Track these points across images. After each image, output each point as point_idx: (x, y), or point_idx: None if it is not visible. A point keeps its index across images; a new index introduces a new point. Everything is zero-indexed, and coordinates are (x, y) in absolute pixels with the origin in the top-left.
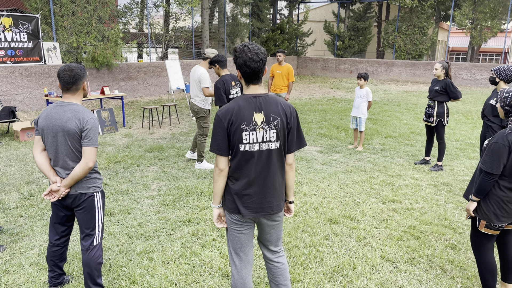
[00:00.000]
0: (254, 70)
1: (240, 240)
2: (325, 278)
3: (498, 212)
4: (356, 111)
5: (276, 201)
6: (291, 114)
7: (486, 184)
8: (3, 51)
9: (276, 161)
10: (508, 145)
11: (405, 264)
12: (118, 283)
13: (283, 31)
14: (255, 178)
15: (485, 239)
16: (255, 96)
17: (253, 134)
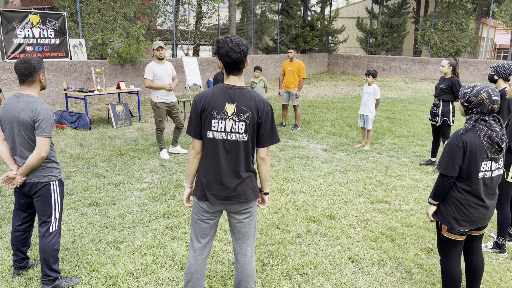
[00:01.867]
0: (235, 61)
1: (203, 227)
2: (282, 276)
3: (457, 216)
4: (363, 109)
5: (244, 190)
6: (264, 109)
7: (443, 187)
8: (31, 47)
9: (243, 152)
10: (463, 146)
11: (371, 265)
12: (79, 270)
13: (313, 28)
14: (222, 167)
15: (450, 245)
16: (231, 87)
17: (222, 123)
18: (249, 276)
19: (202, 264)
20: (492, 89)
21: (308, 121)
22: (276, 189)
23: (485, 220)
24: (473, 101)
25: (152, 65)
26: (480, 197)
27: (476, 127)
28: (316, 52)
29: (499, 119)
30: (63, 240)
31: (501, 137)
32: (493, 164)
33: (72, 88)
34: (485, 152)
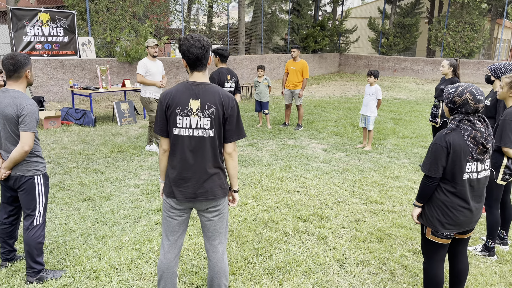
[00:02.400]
0: (197, 56)
1: (172, 224)
2: (264, 273)
3: (442, 219)
4: (364, 109)
5: (211, 187)
6: (229, 104)
7: (426, 188)
8: (40, 45)
9: (209, 148)
10: (446, 146)
11: (355, 265)
12: (64, 264)
13: (324, 27)
14: (188, 164)
15: (434, 248)
16: (195, 83)
17: (187, 119)
18: (221, 273)
19: (172, 261)
20: (476, 88)
21: (312, 121)
22: (270, 188)
23: (471, 223)
24: (457, 101)
25: (145, 61)
26: (466, 199)
27: (460, 127)
28: (327, 52)
29: (484, 119)
30: (53, 234)
31: (486, 138)
32: (478, 165)
33: (78, 86)
34: (470, 152)
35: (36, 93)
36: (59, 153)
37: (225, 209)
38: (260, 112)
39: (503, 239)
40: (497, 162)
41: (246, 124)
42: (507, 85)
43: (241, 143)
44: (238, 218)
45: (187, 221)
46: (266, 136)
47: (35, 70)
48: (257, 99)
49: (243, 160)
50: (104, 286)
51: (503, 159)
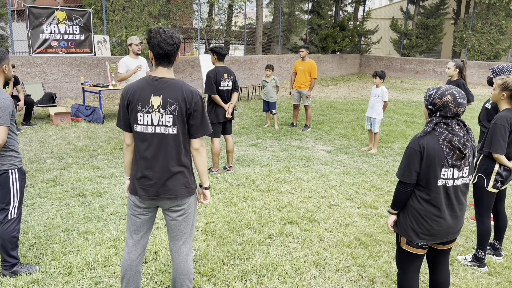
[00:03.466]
0: (166, 53)
1: (135, 223)
2: (237, 276)
3: (416, 228)
4: (370, 111)
5: (174, 186)
6: (193, 100)
7: (400, 195)
8: (56, 42)
9: (173, 146)
10: (420, 150)
11: (335, 271)
12: (41, 258)
13: (344, 28)
14: (151, 161)
15: (409, 258)
16: (158, 79)
17: (148, 116)
18: (183, 275)
19: (135, 260)
20: (458, 91)
21: (321, 122)
22: (263, 189)
23: (450, 234)
24: (437, 103)
25: (126, 59)
26: (440, 208)
27: (436, 130)
28: (347, 53)
29: (464, 123)
30: (38, 228)
31: (464, 143)
32: (455, 172)
33: (89, 83)
34: (445, 157)
35: (52, 89)
36: (62, 148)
37: (190, 208)
38: (267, 112)
39: (496, 250)
40: (488, 169)
41: (253, 124)
42: (499, 87)
43: (244, 143)
44: (225, 219)
45: (152, 220)
46: (271, 137)
47: (51, 68)
48: (264, 99)
49: (242, 160)
50: (75, 282)
51: (495, 166)
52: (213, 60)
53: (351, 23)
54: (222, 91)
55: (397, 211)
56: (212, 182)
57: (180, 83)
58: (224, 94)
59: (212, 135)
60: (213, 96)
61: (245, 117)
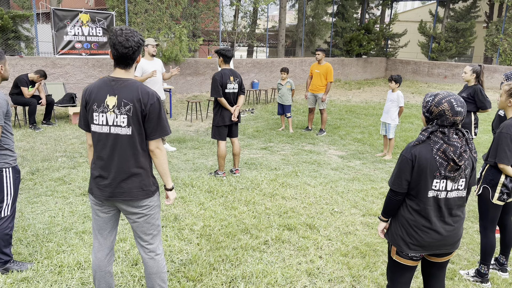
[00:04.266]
0: (121, 55)
1: (98, 222)
2: (225, 282)
3: (406, 238)
4: (385, 116)
5: (129, 188)
6: (148, 101)
7: (390, 203)
8: (80, 44)
9: (128, 147)
10: (411, 159)
11: (327, 281)
12: (34, 256)
13: (369, 31)
14: (107, 162)
15: (399, 270)
16: (115, 79)
17: (103, 116)
18: (153, 274)
19: (103, 260)
20: (456, 98)
21: (337, 126)
22: (267, 193)
23: (444, 246)
24: (434, 111)
25: (142, 62)
26: (429, 219)
27: (431, 139)
28: (373, 56)
29: (463, 133)
30: (38, 226)
31: (461, 154)
32: (449, 184)
33: None
34: (438, 168)
35: (74, 90)
36: (76, 148)
37: (151, 211)
38: (282, 115)
39: (502, 265)
40: (493, 180)
41: (268, 127)
42: (506, 93)
43: (255, 146)
44: (222, 223)
45: (114, 219)
46: (284, 140)
47: (74, 69)
48: (279, 102)
49: (250, 163)
50: (63, 282)
51: (501, 177)
52: (219, 62)
53: (377, 26)
54: (228, 93)
55: (387, 219)
56: (216, 185)
57: (137, 84)
58: (230, 96)
59: (217, 138)
60: (219, 99)
61: (261, 120)
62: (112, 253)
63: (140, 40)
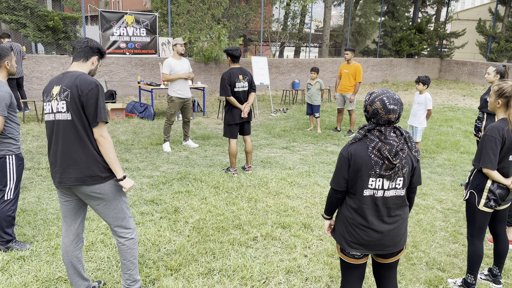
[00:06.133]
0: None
1: (63, 208)
2: (203, 273)
3: (346, 236)
4: (412, 119)
5: (76, 173)
6: (86, 88)
7: (330, 200)
8: (124, 44)
9: (70, 132)
10: (348, 157)
11: (304, 280)
12: (36, 238)
13: (421, 30)
14: (54, 148)
15: (345, 268)
16: (67, 72)
17: (49, 104)
18: (124, 251)
19: (69, 246)
20: (389, 96)
21: None
22: (273, 191)
23: (386, 247)
24: (369, 110)
25: (170, 60)
26: (365, 218)
27: (368, 137)
28: (426, 57)
29: (402, 132)
30: (49, 210)
31: (397, 152)
32: (385, 183)
33: (144, 82)
34: (372, 167)
35: (117, 87)
36: None
37: (108, 196)
38: (311, 115)
39: (495, 276)
40: (480, 185)
41: (296, 126)
42: (495, 94)
43: (277, 145)
44: (218, 217)
45: (77, 208)
46: (309, 140)
47: (118, 67)
48: (308, 102)
49: (266, 162)
50: (54, 262)
51: (487, 182)
52: (228, 62)
53: (431, 26)
54: (238, 92)
55: (330, 217)
56: (224, 181)
57: (79, 73)
58: (240, 95)
59: (228, 136)
60: (228, 98)
61: (292, 120)
62: (80, 239)
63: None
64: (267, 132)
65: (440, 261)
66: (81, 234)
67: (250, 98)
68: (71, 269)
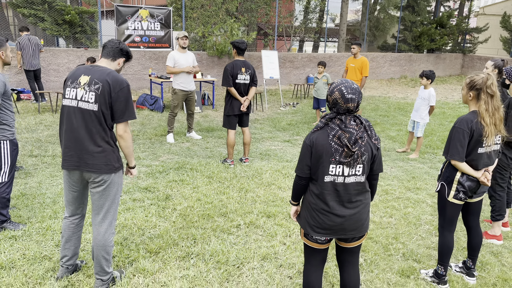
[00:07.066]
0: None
1: (67, 196)
2: (180, 256)
3: (310, 221)
4: (414, 114)
5: (92, 161)
6: (118, 85)
7: (295, 187)
8: (139, 38)
9: (94, 122)
10: (310, 145)
11: (278, 267)
12: (30, 220)
13: (443, 25)
14: (73, 134)
15: (308, 252)
16: (94, 65)
17: (74, 91)
18: (99, 246)
19: (72, 224)
20: (347, 86)
21: (376, 122)
22: (266, 182)
23: (348, 231)
24: (329, 100)
25: (174, 53)
26: (327, 203)
27: (329, 126)
28: (447, 52)
29: (361, 121)
30: (48, 195)
31: (356, 140)
32: (345, 169)
33: (155, 75)
34: (333, 154)
35: (131, 80)
36: None
37: (111, 186)
38: (317, 109)
39: (469, 269)
40: (449, 177)
41: (303, 121)
42: (466, 86)
43: (280, 138)
44: (206, 206)
45: (82, 197)
46: None
47: (132, 61)
48: (315, 96)
49: (265, 154)
50: (43, 242)
51: (456, 174)
52: (233, 54)
53: (453, 20)
54: (239, 84)
55: (296, 203)
56: (219, 172)
57: (110, 70)
58: (241, 87)
59: (227, 126)
60: (228, 89)
61: (300, 114)
62: (82, 217)
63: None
64: (272, 125)
65: (417, 253)
66: (84, 213)
67: (251, 93)
68: (69, 244)
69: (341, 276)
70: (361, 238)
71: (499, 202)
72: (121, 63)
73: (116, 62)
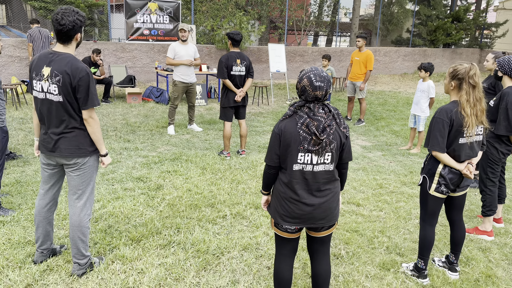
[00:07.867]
0: (58, 31)
1: (44, 176)
2: (162, 244)
3: (279, 210)
4: (414, 107)
5: (64, 145)
6: (78, 75)
7: (265, 176)
8: (148, 31)
9: (62, 111)
10: (279, 133)
11: (257, 257)
12: (21, 206)
13: (459, 19)
14: (45, 122)
15: (278, 241)
16: (53, 52)
17: (39, 84)
18: (75, 227)
19: (44, 208)
20: (316, 73)
21: (382, 117)
22: (259, 174)
23: (318, 220)
24: (298, 88)
25: (175, 45)
26: (297, 192)
27: (298, 114)
28: (464, 47)
29: (330, 109)
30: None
31: (324, 128)
32: (314, 158)
33: (161, 67)
34: (301, 142)
35: (139, 73)
36: (115, 123)
37: (86, 168)
38: None
39: (452, 264)
40: (431, 169)
41: None
42: (449, 76)
43: None
44: (195, 196)
45: (57, 176)
46: None
47: (140, 53)
48: None
49: (263, 147)
50: (29, 227)
51: (438, 166)
52: (229, 45)
53: (470, 14)
54: (234, 76)
55: (267, 192)
56: (214, 163)
57: (70, 58)
58: (236, 79)
59: (223, 118)
60: (223, 80)
61: None
62: (53, 204)
63: (76, 20)
64: (276, 119)
65: (402, 246)
66: (57, 198)
67: (247, 84)
68: (41, 229)
69: (312, 265)
70: (331, 227)
71: (490, 197)
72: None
73: (71, 45)
